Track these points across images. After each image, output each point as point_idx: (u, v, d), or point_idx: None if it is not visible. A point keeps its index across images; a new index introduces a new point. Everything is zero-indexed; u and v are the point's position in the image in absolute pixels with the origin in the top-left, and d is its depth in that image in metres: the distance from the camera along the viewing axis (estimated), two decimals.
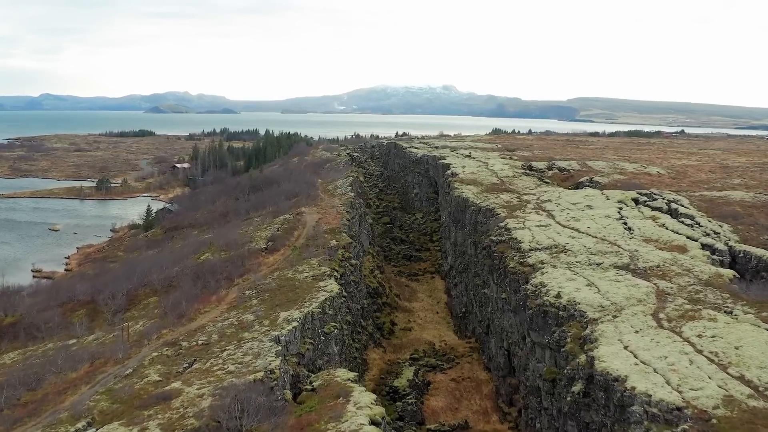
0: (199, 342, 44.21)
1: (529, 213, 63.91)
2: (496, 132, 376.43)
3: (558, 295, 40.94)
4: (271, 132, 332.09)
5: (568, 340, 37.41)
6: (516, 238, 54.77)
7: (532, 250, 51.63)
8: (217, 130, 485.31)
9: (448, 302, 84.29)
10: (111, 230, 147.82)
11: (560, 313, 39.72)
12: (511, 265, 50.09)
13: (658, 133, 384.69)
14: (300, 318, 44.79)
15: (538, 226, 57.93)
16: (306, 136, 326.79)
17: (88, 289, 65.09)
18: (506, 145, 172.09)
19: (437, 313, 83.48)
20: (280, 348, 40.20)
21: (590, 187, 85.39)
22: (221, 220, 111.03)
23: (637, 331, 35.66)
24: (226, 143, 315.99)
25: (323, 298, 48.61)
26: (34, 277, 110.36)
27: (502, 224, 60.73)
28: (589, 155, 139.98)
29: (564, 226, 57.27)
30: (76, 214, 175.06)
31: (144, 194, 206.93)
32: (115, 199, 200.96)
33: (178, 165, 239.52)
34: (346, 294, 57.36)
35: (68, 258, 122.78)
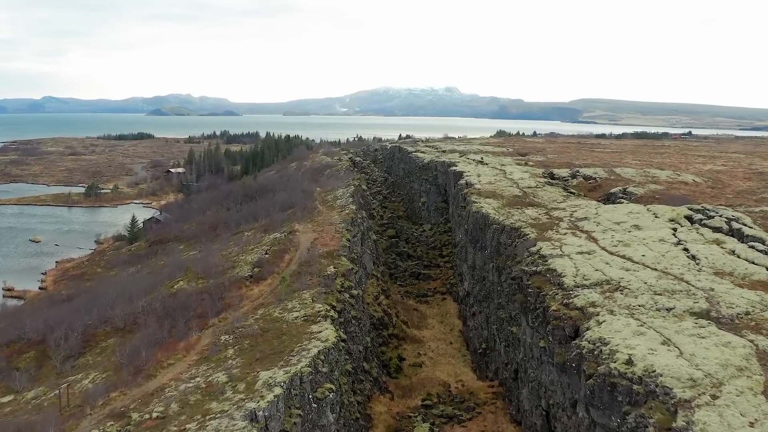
0: (154, 415, 33.90)
1: (565, 234, 53.46)
2: (501, 134, 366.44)
3: (629, 362, 30.48)
4: (271, 134, 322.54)
5: (651, 429, 27.01)
6: (555, 270, 44.36)
7: (577, 286, 41.21)
8: (217, 133, 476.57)
9: (463, 331, 73.86)
10: (95, 241, 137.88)
11: (634, 387, 29.29)
12: (554, 308, 39.68)
13: (666, 135, 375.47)
14: (285, 382, 34.48)
15: (579, 253, 47.51)
16: (307, 138, 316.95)
17: (40, 326, 54.86)
18: (518, 149, 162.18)
19: (451, 343, 73.07)
20: None
21: (624, 198, 75.10)
22: (209, 234, 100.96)
23: (752, 424, 25.28)
24: (225, 146, 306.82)
25: (316, 351, 38.27)
26: (3, 296, 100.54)
27: (533, 249, 50.32)
28: (609, 160, 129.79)
29: (612, 254, 46.83)
30: (61, 223, 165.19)
31: (135, 201, 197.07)
32: (105, 207, 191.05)
33: (172, 170, 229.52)
34: (345, 335, 47.09)
35: (45, 274, 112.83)
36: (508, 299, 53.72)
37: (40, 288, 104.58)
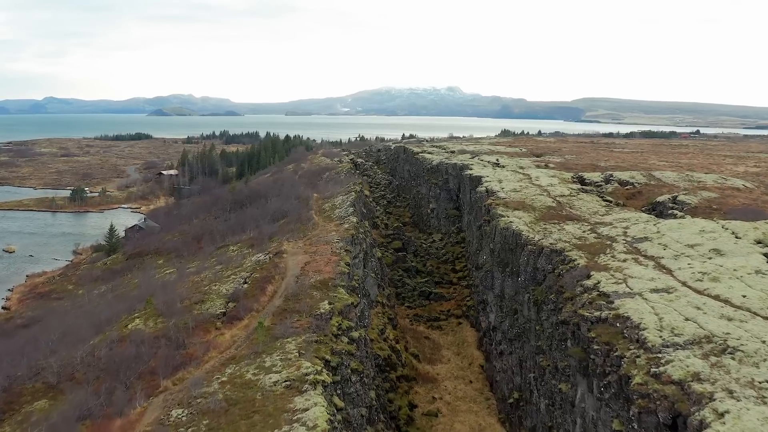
0: None
1: (624, 261, 41.64)
2: (506, 133, 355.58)
3: None
4: (272, 134, 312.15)
5: None
6: (628, 317, 32.58)
7: (667, 346, 29.44)
8: (217, 133, 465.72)
9: (485, 368, 62.10)
10: (73, 251, 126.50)
11: None
12: (638, 380, 27.92)
13: (673, 134, 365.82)
14: None
15: (654, 290, 35.71)
16: (308, 138, 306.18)
17: None
18: (531, 149, 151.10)
19: (470, 382, 61.36)
20: None
21: (676, 209, 63.21)
22: (192, 247, 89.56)
23: None
24: (224, 147, 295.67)
25: None
26: None
27: (588, 283, 38.54)
28: (635, 162, 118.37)
29: (700, 293, 35.00)
30: (41, 230, 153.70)
31: (124, 205, 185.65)
32: (91, 212, 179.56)
33: (164, 172, 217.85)
34: (343, 400, 35.47)
35: (11, 291, 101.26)
36: (552, 344, 41.98)
37: (2, 308, 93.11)
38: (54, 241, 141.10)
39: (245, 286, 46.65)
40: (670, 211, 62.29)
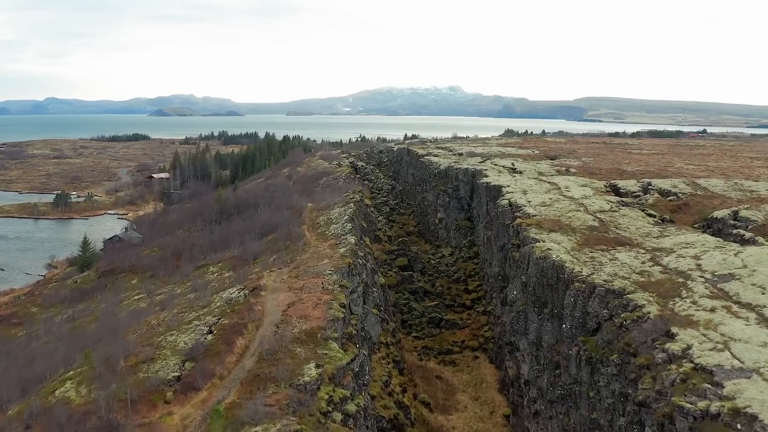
0: None
1: (713, 310, 30.95)
2: (510, 133, 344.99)
3: None
4: (271, 135, 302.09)
5: None
6: (753, 416, 21.94)
7: None
8: (215, 134, 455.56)
9: (512, 421, 51.30)
10: (49, 264, 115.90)
11: None
12: None
13: (680, 133, 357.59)
14: None
15: None
16: (308, 139, 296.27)
17: None
18: (544, 151, 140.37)
19: None
20: None
21: (739, 227, 52.52)
22: (170, 265, 79.22)
23: None
24: (222, 148, 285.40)
25: None
26: None
27: (675, 348, 27.85)
28: (661, 166, 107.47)
29: None
30: (20, 239, 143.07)
31: (110, 211, 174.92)
32: (75, 218, 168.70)
33: (155, 175, 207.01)
34: None
35: None
36: (614, 420, 31.27)
37: None
38: (30, 251, 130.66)
39: (209, 337, 35.98)
40: (734, 231, 51.58)
